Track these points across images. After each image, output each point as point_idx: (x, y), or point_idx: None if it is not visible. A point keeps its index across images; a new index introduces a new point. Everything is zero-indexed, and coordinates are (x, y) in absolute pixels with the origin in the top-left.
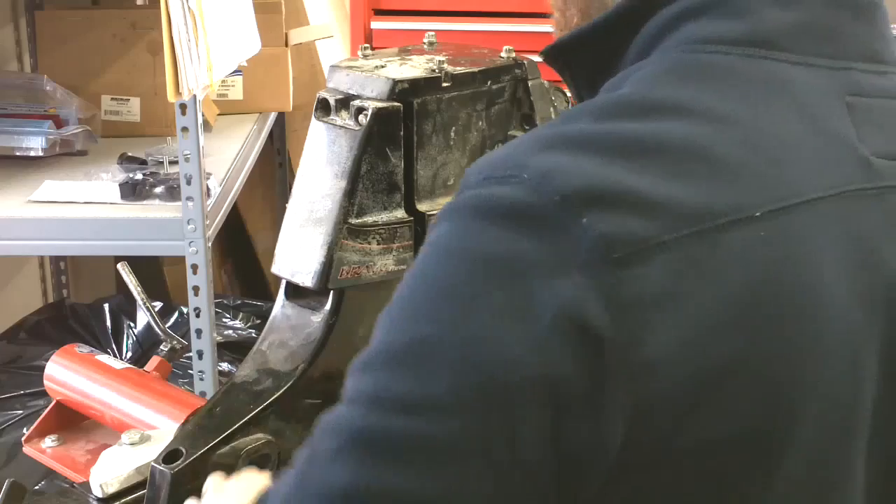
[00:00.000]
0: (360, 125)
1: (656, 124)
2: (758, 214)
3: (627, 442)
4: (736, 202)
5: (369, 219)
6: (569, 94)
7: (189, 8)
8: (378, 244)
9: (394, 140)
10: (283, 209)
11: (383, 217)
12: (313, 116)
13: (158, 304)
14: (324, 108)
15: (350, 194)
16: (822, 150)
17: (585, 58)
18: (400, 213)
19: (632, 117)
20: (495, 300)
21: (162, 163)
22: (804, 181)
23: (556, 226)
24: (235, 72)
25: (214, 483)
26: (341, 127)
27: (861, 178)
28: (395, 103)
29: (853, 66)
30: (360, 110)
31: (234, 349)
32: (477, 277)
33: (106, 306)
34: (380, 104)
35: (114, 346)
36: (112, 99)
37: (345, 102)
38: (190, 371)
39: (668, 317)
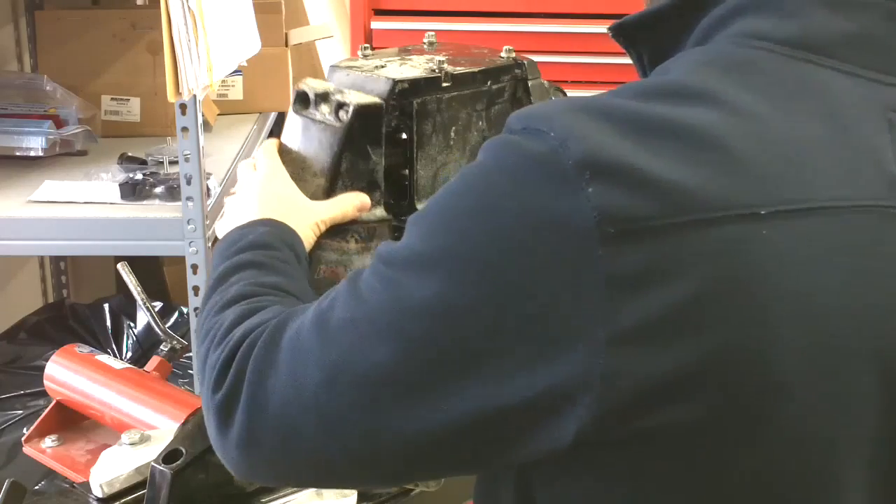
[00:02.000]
0: (340, 121)
1: (683, 109)
2: (763, 213)
3: (591, 415)
4: (741, 197)
5: None
6: (569, 95)
7: (189, 8)
8: (356, 243)
9: (375, 137)
10: None
11: (362, 215)
12: (291, 109)
13: (158, 304)
14: (302, 101)
15: (329, 192)
16: (846, 160)
17: (649, 38)
18: (379, 212)
19: (664, 100)
20: (493, 243)
21: (162, 163)
22: (818, 188)
23: (565, 189)
24: (235, 72)
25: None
26: (321, 122)
27: (884, 196)
28: (377, 100)
29: None
30: (341, 106)
31: None
32: (485, 215)
33: (106, 306)
34: (362, 100)
35: (114, 346)
36: (112, 99)
37: (325, 97)
38: (190, 371)
39: (644, 300)
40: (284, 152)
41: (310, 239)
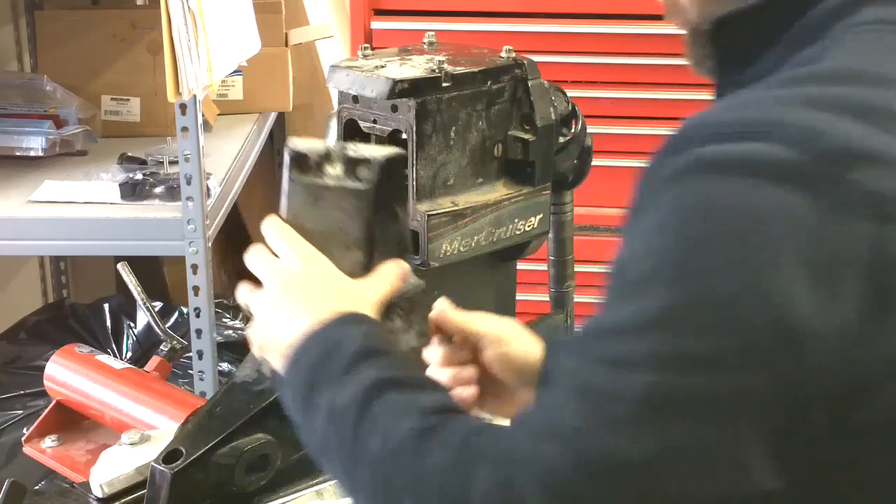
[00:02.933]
0: (361, 181)
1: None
2: None
3: (864, 399)
4: None
5: None
6: (568, 95)
7: (189, 8)
8: (401, 320)
9: (401, 193)
10: None
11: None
12: (287, 176)
13: (158, 304)
14: (299, 164)
15: (367, 266)
16: None
17: (747, 33)
18: (413, 280)
19: (864, 85)
20: (773, 255)
21: (162, 163)
22: None
23: (825, 182)
24: (235, 72)
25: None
26: (336, 186)
27: None
28: (399, 149)
29: None
30: (358, 162)
31: (233, 349)
32: (752, 233)
33: (106, 306)
34: (383, 153)
35: (114, 346)
36: (112, 99)
37: (328, 156)
38: (190, 371)
39: None
40: (297, 228)
41: None
